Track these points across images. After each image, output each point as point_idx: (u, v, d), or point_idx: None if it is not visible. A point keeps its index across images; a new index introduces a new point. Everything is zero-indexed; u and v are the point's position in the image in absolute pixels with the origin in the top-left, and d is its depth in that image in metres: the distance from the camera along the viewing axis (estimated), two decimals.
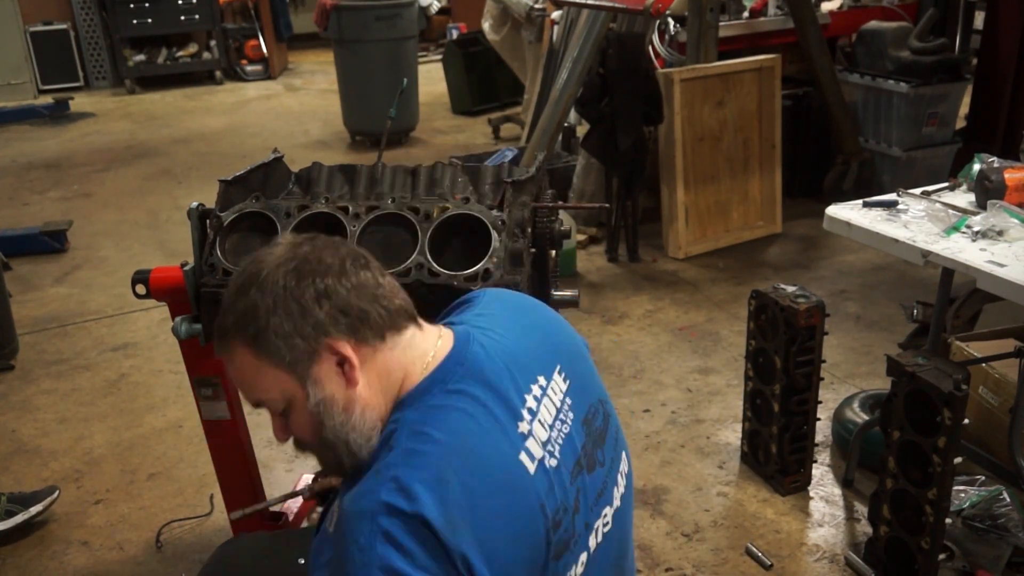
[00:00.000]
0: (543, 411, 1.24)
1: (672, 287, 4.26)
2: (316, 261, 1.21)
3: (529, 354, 1.29)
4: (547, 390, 1.27)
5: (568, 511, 1.22)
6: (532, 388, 1.25)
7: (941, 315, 2.75)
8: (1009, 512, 2.43)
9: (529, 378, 1.26)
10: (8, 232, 4.98)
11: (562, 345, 1.38)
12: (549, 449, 1.21)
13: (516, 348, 1.28)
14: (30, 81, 8.74)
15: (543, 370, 1.29)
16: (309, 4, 10.00)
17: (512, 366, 1.25)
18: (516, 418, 1.20)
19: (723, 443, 3.03)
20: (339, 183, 2.07)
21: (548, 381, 1.28)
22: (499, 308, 1.39)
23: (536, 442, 1.20)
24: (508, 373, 1.23)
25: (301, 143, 6.90)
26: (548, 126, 4.59)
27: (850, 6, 5.61)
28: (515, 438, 1.18)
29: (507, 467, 1.16)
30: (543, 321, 1.42)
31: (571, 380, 1.32)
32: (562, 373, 1.31)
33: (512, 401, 1.21)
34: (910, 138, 4.87)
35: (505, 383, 1.22)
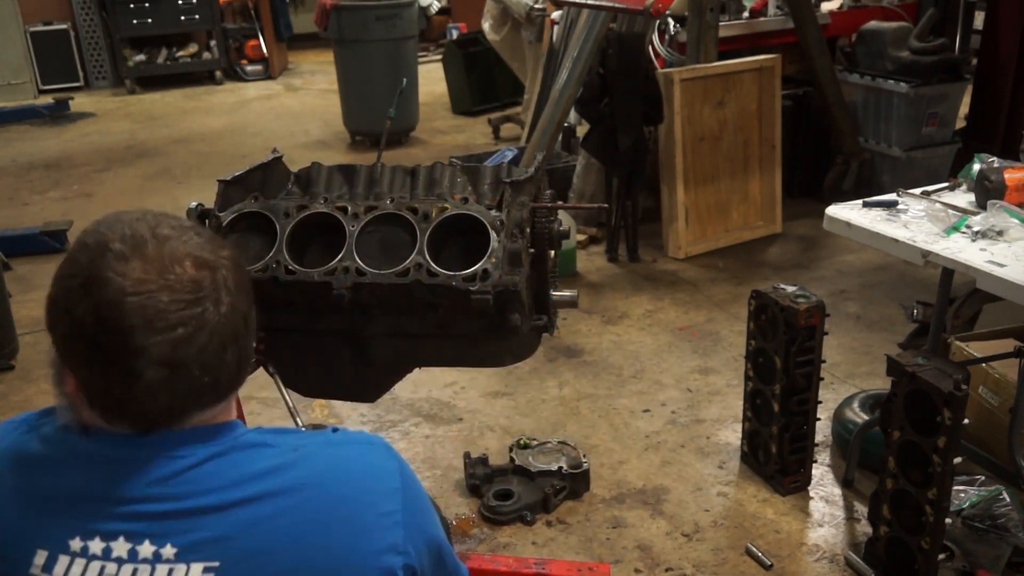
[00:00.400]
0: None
1: (672, 287, 4.26)
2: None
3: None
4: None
5: None
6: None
7: (941, 315, 2.75)
8: (1009, 512, 2.42)
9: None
10: (8, 232, 4.98)
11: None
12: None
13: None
14: (30, 81, 8.74)
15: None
16: (309, 4, 10.00)
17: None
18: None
19: (723, 443, 3.03)
20: (338, 183, 2.07)
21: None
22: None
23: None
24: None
25: (301, 143, 6.90)
26: (548, 126, 4.59)
27: (850, 6, 5.61)
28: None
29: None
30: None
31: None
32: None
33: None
34: (910, 138, 4.87)
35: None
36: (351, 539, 1.07)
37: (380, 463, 1.16)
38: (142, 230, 1.02)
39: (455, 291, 1.86)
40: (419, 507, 1.18)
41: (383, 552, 1.09)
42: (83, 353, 1.00)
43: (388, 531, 1.11)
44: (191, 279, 1.00)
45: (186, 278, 1.00)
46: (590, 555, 2.54)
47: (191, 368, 1.00)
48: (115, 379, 1.00)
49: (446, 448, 3.05)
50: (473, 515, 2.72)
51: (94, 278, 0.99)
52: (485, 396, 3.36)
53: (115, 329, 0.97)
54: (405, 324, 2.01)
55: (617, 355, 3.63)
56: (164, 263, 1.00)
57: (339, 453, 1.14)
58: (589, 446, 3.02)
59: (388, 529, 1.11)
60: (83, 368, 1.01)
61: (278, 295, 1.96)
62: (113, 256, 0.99)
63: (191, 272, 1.01)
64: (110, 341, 0.97)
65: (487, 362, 2.13)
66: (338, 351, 2.08)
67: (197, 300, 1.00)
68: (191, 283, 1.00)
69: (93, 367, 1.00)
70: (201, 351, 1.00)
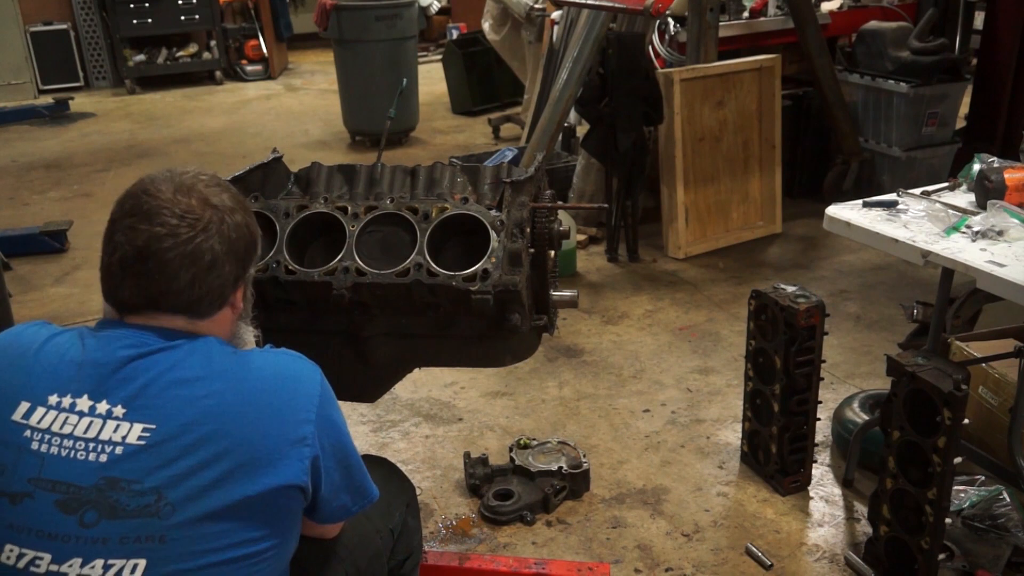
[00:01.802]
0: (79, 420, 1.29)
1: (672, 287, 4.26)
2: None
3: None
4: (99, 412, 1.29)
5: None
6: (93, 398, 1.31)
7: (941, 315, 2.75)
8: (1009, 512, 2.43)
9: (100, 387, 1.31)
10: (8, 232, 4.98)
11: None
12: (47, 439, 1.28)
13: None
14: (30, 81, 8.75)
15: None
16: (309, 4, 10.00)
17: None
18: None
19: (723, 443, 3.03)
20: (338, 183, 2.07)
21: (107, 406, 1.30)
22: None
23: (47, 417, 1.29)
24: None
25: (301, 143, 6.90)
26: (548, 126, 4.59)
27: (850, 6, 5.61)
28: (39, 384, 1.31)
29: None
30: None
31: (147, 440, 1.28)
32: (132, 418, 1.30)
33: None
34: (910, 138, 4.87)
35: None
36: (267, 424, 1.32)
37: (306, 372, 1.41)
38: (193, 171, 1.42)
39: (455, 291, 1.86)
40: (332, 418, 1.41)
41: (294, 442, 1.33)
42: (106, 230, 1.37)
43: (301, 425, 1.34)
44: (189, 207, 1.35)
45: (185, 205, 1.35)
46: (590, 555, 2.54)
47: (148, 262, 1.32)
48: (107, 251, 1.35)
49: (446, 448, 3.05)
50: (473, 515, 2.72)
51: (140, 181, 1.40)
52: (485, 396, 3.36)
53: (124, 210, 1.35)
54: (405, 324, 2.01)
55: (617, 355, 3.63)
56: (182, 191, 1.36)
57: (272, 359, 1.41)
58: (589, 446, 3.02)
59: (301, 423, 1.34)
60: (103, 248, 1.37)
61: (278, 295, 1.96)
62: (163, 176, 1.39)
63: (194, 204, 1.35)
64: (118, 218, 1.35)
65: (487, 362, 2.13)
66: (338, 351, 2.08)
67: (182, 220, 1.33)
68: (188, 208, 1.35)
69: (104, 241, 1.36)
70: (163, 254, 1.32)
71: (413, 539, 1.94)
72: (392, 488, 1.91)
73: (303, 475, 1.33)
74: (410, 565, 1.92)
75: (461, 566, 2.38)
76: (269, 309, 2.02)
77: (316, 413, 1.36)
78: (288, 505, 1.35)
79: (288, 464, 1.32)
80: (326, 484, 1.40)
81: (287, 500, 1.34)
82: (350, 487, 1.48)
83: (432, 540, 2.60)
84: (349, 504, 1.50)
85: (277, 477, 1.30)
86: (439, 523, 2.69)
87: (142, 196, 1.35)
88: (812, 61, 4.85)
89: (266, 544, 1.32)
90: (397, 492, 1.91)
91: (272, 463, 1.30)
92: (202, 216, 1.35)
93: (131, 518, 1.24)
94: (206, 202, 1.36)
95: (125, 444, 1.26)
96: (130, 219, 1.34)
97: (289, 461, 1.32)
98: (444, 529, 2.67)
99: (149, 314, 1.35)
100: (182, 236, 1.33)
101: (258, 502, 1.29)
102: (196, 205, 1.35)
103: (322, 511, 1.45)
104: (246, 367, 1.37)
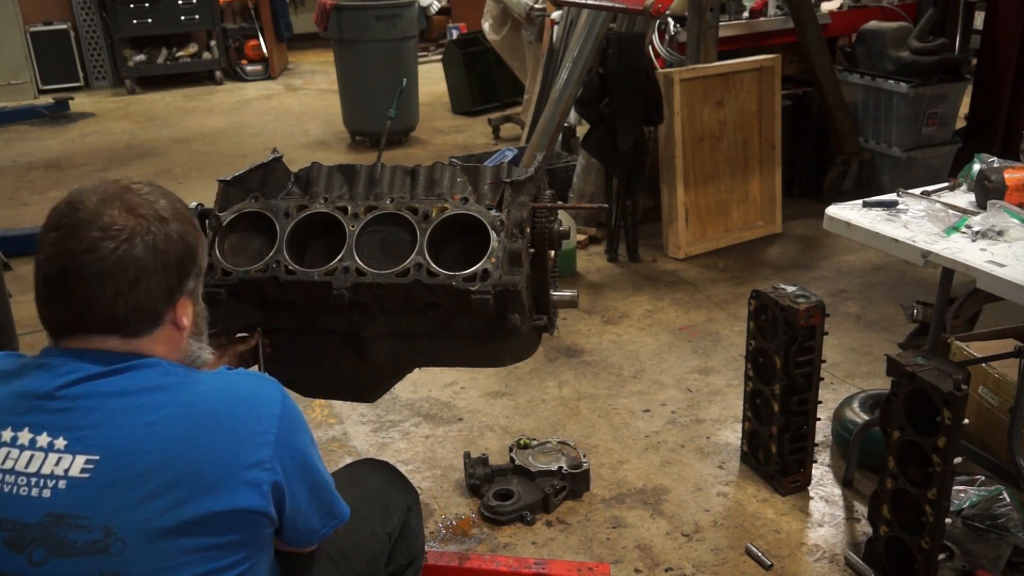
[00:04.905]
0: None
1: (672, 287, 4.26)
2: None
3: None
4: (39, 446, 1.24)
5: None
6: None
7: (941, 315, 2.75)
8: (1009, 512, 2.43)
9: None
10: (8, 232, 4.98)
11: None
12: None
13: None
14: (30, 81, 8.74)
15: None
16: (309, 4, 10.00)
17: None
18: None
19: (723, 443, 3.03)
20: (338, 183, 2.07)
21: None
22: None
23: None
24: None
25: (301, 143, 6.90)
26: (548, 126, 4.59)
27: (850, 6, 5.61)
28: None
29: None
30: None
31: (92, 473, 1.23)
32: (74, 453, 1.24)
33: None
34: (910, 138, 4.87)
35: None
36: (219, 448, 1.25)
37: (264, 392, 1.34)
38: (124, 181, 1.34)
39: (455, 291, 1.86)
40: (294, 439, 1.34)
41: (250, 466, 1.26)
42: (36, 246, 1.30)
43: (258, 449, 1.28)
44: (112, 219, 1.27)
45: (108, 217, 1.27)
46: (590, 555, 2.54)
47: (68, 279, 1.25)
48: (36, 268, 1.29)
49: (446, 448, 3.05)
50: (473, 515, 2.72)
51: (69, 194, 1.32)
52: (485, 396, 3.36)
53: (48, 226, 1.28)
54: (405, 324, 2.01)
55: (617, 355, 3.63)
56: (107, 202, 1.28)
57: (226, 380, 1.34)
58: (589, 446, 3.02)
59: (258, 447, 1.28)
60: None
61: (278, 295, 1.96)
62: (89, 188, 1.31)
63: (117, 215, 1.27)
64: (43, 234, 1.28)
65: (487, 362, 2.13)
66: (338, 351, 2.08)
67: (105, 232, 1.26)
68: (111, 220, 1.27)
69: (35, 264, 1.30)
70: (82, 269, 1.25)
71: (415, 544, 1.92)
72: (392, 492, 1.89)
73: (260, 499, 1.27)
74: (412, 572, 1.90)
75: (461, 566, 2.38)
76: (269, 309, 2.02)
77: (275, 435, 1.30)
78: (246, 531, 1.28)
79: (241, 489, 1.25)
80: (291, 508, 1.34)
81: (244, 525, 1.27)
82: (319, 509, 1.42)
83: (432, 540, 2.60)
84: (318, 526, 1.44)
85: (232, 500, 1.24)
86: (439, 523, 2.69)
87: (67, 210, 1.28)
88: (812, 61, 4.85)
89: (229, 560, 1.26)
90: (398, 496, 1.90)
91: (224, 488, 1.24)
92: (124, 227, 1.27)
93: (80, 555, 1.19)
94: (132, 212, 1.28)
95: (68, 477, 1.21)
96: (53, 234, 1.27)
97: (243, 486, 1.25)
98: (444, 529, 2.67)
99: (80, 336, 1.29)
100: (102, 250, 1.25)
101: (211, 527, 1.23)
102: (119, 216, 1.27)
103: (289, 534, 1.39)
104: (197, 390, 1.30)
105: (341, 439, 3.11)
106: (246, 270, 1.93)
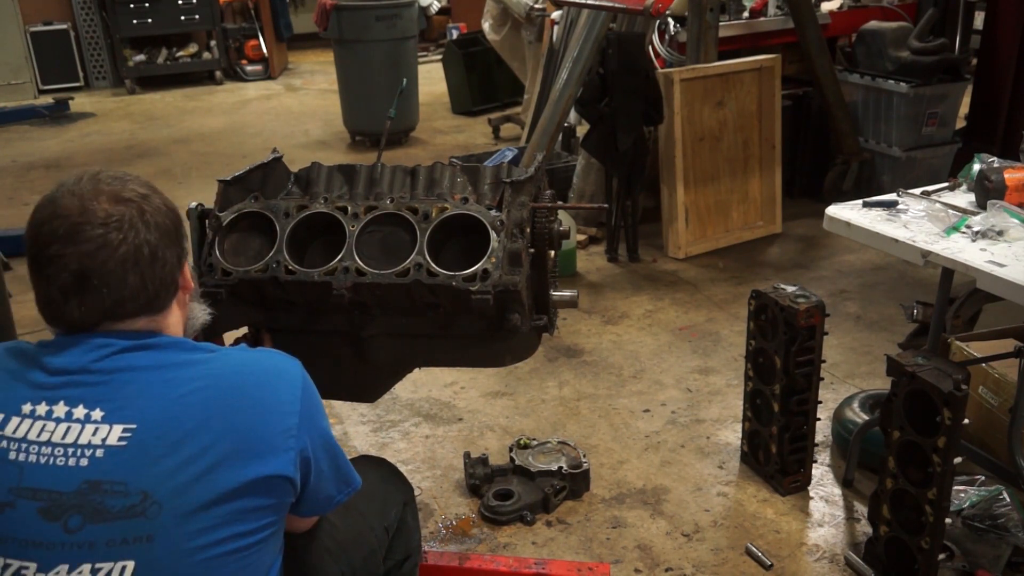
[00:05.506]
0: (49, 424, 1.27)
1: (672, 287, 4.26)
2: None
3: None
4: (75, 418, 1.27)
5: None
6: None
7: (941, 315, 2.75)
8: (1009, 512, 2.43)
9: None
10: (8, 232, 4.97)
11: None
12: (25, 448, 1.26)
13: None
14: (30, 81, 8.74)
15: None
16: (309, 4, 10.00)
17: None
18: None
19: (723, 443, 3.03)
20: (338, 183, 2.06)
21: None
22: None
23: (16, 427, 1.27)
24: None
25: (301, 143, 6.90)
26: (548, 126, 4.59)
27: (850, 6, 5.61)
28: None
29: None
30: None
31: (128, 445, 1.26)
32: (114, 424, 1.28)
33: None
34: (910, 138, 4.87)
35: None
36: (251, 417, 1.31)
37: (286, 367, 1.41)
38: (85, 177, 1.35)
39: (455, 291, 1.86)
40: (315, 409, 1.40)
41: (280, 433, 1.32)
42: (30, 266, 1.33)
43: (286, 417, 1.34)
44: (106, 212, 1.29)
45: (101, 211, 1.29)
46: (590, 555, 2.54)
47: (91, 280, 1.27)
48: (41, 284, 1.31)
49: (446, 448, 3.05)
50: (473, 515, 2.72)
51: (40, 207, 1.34)
52: (485, 396, 3.36)
53: (40, 242, 1.31)
54: (405, 324, 2.01)
55: (617, 355, 3.63)
56: (89, 198, 1.30)
57: (251, 356, 1.41)
58: (589, 446, 3.02)
59: (286, 415, 1.34)
60: (33, 282, 1.34)
61: (278, 295, 1.96)
62: (60, 193, 1.32)
63: (107, 206, 1.29)
64: (38, 252, 1.31)
65: (487, 362, 2.13)
66: (338, 351, 2.08)
67: (106, 227, 1.28)
68: (105, 213, 1.29)
69: (33, 276, 1.33)
70: (102, 267, 1.27)
71: (412, 539, 1.93)
72: (389, 488, 1.90)
73: (290, 466, 1.33)
74: (409, 566, 1.91)
75: (461, 566, 2.38)
76: (269, 309, 2.02)
77: (300, 404, 1.36)
78: (276, 496, 1.33)
79: (276, 455, 1.31)
80: (315, 475, 1.40)
81: (275, 491, 1.32)
82: (336, 476, 1.48)
83: (432, 540, 2.60)
84: (335, 493, 1.49)
85: (266, 467, 1.29)
86: (439, 523, 2.69)
87: (53, 221, 1.30)
88: (812, 61, 4.85)
89: (254, 539, 1.31)
90: (394, 491, 1.91)
91: (260, 454, 1.29)
92: (122, 214, 1.30)
93: (117, 520, 1.23)
94: (118, 199, 1.31)
95: (106, 446, 1.25)
96: (53, 247, 1.28)
97: (277, 452, 1.31)
98: (444, 529, 2.67)
99: (107, 324, 1.32)
100: (113, 242, 1.28)
101: (245, 492, 1.28)
102: (110, 207, 1.29)
103: (308, 503, 1.44)
104: (225, 363, 1.35)
105: (341, 439, 3.11)
106: (246, 270, 1.92)
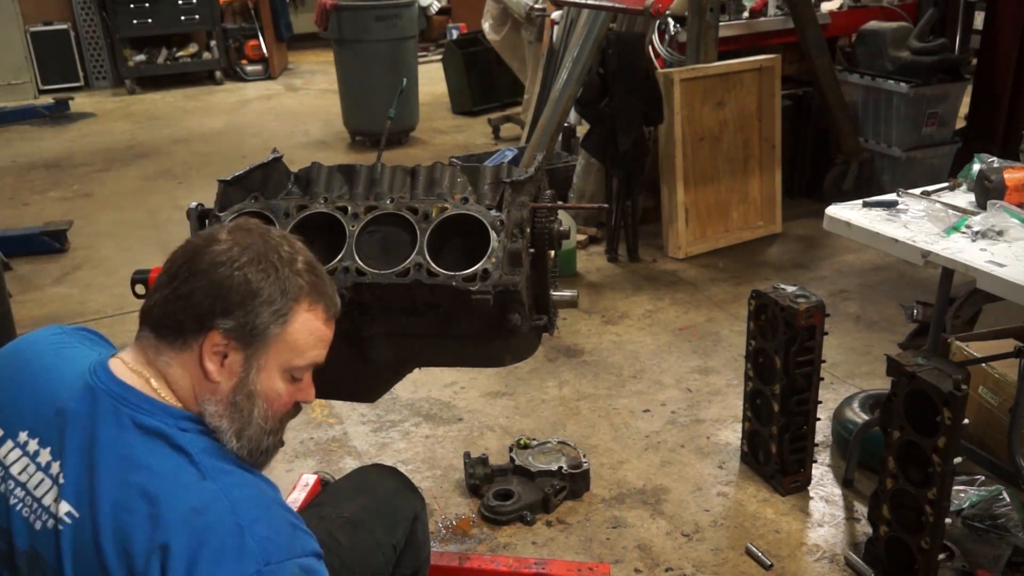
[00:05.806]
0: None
1: (672, 287, 4.26)
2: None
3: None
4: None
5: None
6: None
7: (941, 315, 2.75)
8: (1009, 512, 2.43)
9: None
10: (8, 232, 4.98)
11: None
12: (6, 479, 1.23)
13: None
14: (30, 81, 8.74)
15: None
16: (309, 4, 10.00)
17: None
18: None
19: (723, 443, 3.03)
20: (338, 183, 2.06)
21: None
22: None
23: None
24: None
25: (301, 143, 6.90)
26: (548, 126, 4.59)
27: (850, 6, 5.61)
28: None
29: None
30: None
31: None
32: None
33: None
34: (910, 138, 4.87)
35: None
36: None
37: (252, 549, 1.18)
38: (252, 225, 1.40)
39: (455, 291, 1.86)
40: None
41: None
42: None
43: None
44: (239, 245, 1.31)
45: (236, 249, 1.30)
46: (590, 555, 2.54)
47: (163, 289, 1.31)
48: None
49: (446, 448, 3.05)
50: (473, 515, 2.72)
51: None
52: (485, 396, 3.36)
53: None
54: (405, 324, 2.01)
55: (617, 355, 3.63)
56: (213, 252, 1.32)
57: (239, 515, 1.19)
58: (589, 446, 3.02)
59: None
60: None
61: None
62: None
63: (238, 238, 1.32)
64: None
65: (487, 362, 2.13)
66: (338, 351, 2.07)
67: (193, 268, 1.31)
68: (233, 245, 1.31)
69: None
70: (175, 290, 1.30)
71: (420, 555, 1.90)
72: (399, 502, 1.87)
73: None
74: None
75: (461, 566, 2.38)
76: None
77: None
78: None
79: None
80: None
81: None
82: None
83: (432, 540, 2.60)
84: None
85: None
86: (439, 523, 2.69)
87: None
88: (812, 61, 4.85)
89: None
90: (404, 505, 1.87)
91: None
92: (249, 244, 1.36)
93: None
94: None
95: (58, 518, 1.17)
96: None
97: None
98: (444, 529, 2.67)
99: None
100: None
101: None
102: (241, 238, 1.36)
103: None
104: (192, 513, 1.17)
105: (341, 439, 3.11)
106: None
